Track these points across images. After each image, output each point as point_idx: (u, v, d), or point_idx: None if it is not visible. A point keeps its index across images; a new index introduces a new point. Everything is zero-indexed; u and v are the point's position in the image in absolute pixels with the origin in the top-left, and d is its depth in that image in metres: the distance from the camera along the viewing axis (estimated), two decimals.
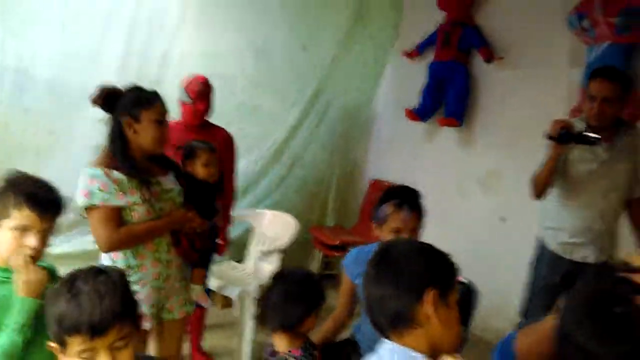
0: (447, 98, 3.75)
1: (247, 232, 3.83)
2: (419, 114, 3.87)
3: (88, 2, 3.43)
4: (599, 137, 2.26)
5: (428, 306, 1.07)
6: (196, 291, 2.31)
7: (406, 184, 4.17)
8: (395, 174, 4.35)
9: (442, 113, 3.80)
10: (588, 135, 2.27)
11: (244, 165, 4.03)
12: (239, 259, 3.72)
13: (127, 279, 1.21)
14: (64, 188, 1.59)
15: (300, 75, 4.27)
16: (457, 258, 3.13)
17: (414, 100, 3.93)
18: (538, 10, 3.25)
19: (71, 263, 1.38)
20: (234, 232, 3.77)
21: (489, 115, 3.65)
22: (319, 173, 4.51)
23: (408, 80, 4.16)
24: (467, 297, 2.09)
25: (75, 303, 1.08)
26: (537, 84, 3.28)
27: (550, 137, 2.33)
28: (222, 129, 2.97)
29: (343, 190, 4.66)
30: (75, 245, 3.46)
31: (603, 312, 0.91)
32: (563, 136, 2.30)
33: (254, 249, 3.61)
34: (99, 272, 1.15)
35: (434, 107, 3.84)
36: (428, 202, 4.35)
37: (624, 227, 2.62)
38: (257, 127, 4.16)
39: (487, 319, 3.13)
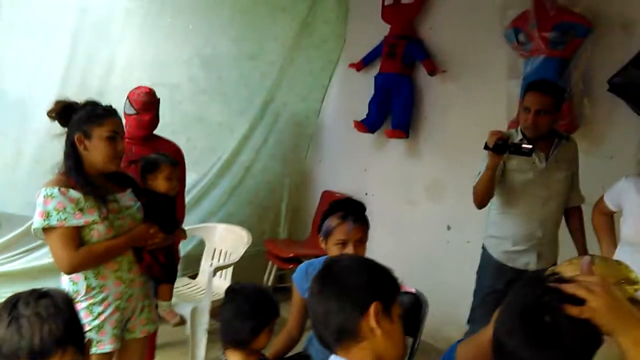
0: (393, 110, 3.83)
1: (199, 247, 3.79)
2: (367, 125, 3.94)
3: (30, 11, 3.32)
4: (532, 147, 2.36)
5: (372, 320, 1.10)
6: (163, 307, 2.28)
7: (357, 194, 4.28)
8: (346, 185, 4.42)
9: (389, 124, 3.89)
10: (522, 146, 2.37)
11: (193, 178, 3.99)
12: (191, 275, 3.68)
13: (73, 302, 1.17)
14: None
15: (249, 84, 4.28)
16: (408, 266, 3.20)
17: (362, 111, 4.00)
18: (477, 24, 3.38)
19: (12, 283, 1.33)
20: (185, 247, 3.73)
21: (434, 127, 3.76)
22: (271, 184, 4.52)
23: (356, 91, 4.24)
24: (416, 307, 2.14)
25: (15, 327, 1.05)
26: (478, 96, 3.41)
27: (487, 148, 2.41)
28: (170, 141, 2.92)
29: (295, 201, 4.69)
30: (17, 265, 3.36)
31: (534, 321, 0.94)
32: (499, 146, 2.37)
33: (206, 264, 3.58)
34: (41, 295, 1.11)
35: (381, 118, 3.92)
36: (378, 212, 4.44)
37: (566, 234, 2.75)
38: (205, 138, 4.14)
39: (438, 327, 3.21)
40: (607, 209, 2.35)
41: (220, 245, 3.60)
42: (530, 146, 2.36)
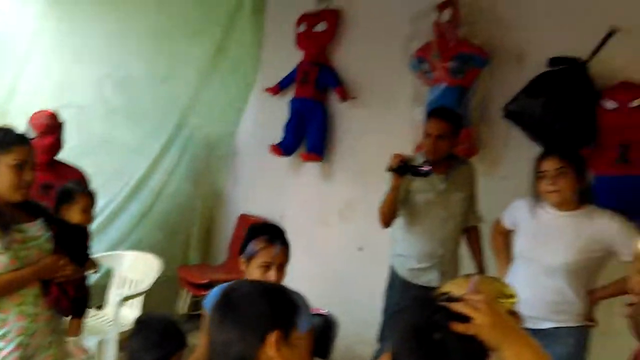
0: (308, 134, 3.90)
1: (106, 277, 3.63)
2: (283, 148, 3.98)
3: None
4: (430, 168, 2.50)
5: (271, 349, 1.09)
6: (72, 344, 2.16)
7: (272, 216, 4.28)
8: (262, 208, 4.41)
9: (305, 148, 3.95)
10: (421, 168, 2.51)
11: (100, 203, 3.83)
12: (98, 306, 3.50)
13: None
14: None
15: (162, 106, 4.20)
16: (321, 286, 3.21)
17: (277, 134, 4.04)
18: (386, 53, 3.52)
19: None
20: (91, 276, 3.55)
21: (347, 150, 3.86)
22: (182, 207, 4.41)
23: (271, 115, 4.28)
24: (326, 329, 2.18)
25: None
26: (386, 122, 3.55)
27: (390, 169, 2.53)
28: (73, 167, 2.81)
29: (209, 225, 4.62)
30: None
31: (424, 339, 0.99)
32: (400, 168, 2.50)
33: (113, 294, 3.42)
34: None
35: (296, 142, 3.98)
36: (293, 233, 4.44)
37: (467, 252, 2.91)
38: (113, 161, 4.00)
39: (350, 347, 3.26)
40: (504, 228, 2.51)
41: (129, 273, 3.46)
42: (428, 168, 2.50)
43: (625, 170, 2.58)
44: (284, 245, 1.96)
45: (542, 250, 2.23)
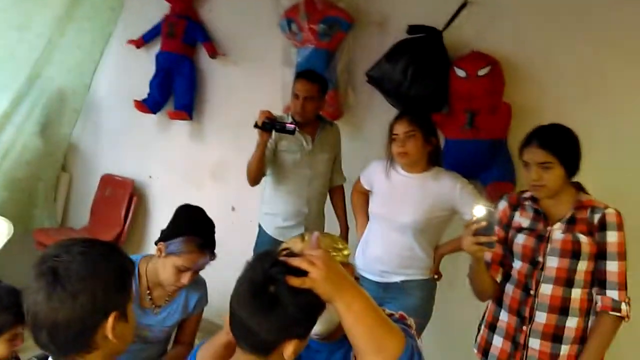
0: (176, 90, 3.77)
1: None
2: (149, 105, 3.80)
3: None
4: (295, 126, 2.58)
5: (109, 330, 1.03)
6: None
7: (140, 177, 4.11)
8: (129, 168, 4.23)
9: (172, 105, 3.81)
10: (286, 124, 2.57)
11: None
12: None
13: None
14: None
15: (15, 57, 3.83)
16: None
17: (143, 90, 3.85)
18: (256, 11, 3.47)
19: None
20: None
21: (217, 109, 3.79)
22: (37, 168, 4.11)
23: (136, 69, 4.05)
24: None
25: None
26: (257, 81, 3.53)
27: (256, 126, 2.56)
28: None
29: (70, 186, 4.33)
30: None
31: (260, 292, 1.03)
32: (266, 125, 2.55)
33: None
34: None
35: (163, 99, 3.82)
36: (163, 194, 4.34)
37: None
38: None
39: (221, 305, 3.28)
40: (363, 188, 2.65)
41: None
42: (293, 125, 2.58)
43: (471, 135, 2.81)
44: (212, 256, 1.88)
45: (394, 210, 2.34)
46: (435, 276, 2.46)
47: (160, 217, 4.17)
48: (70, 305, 0.99)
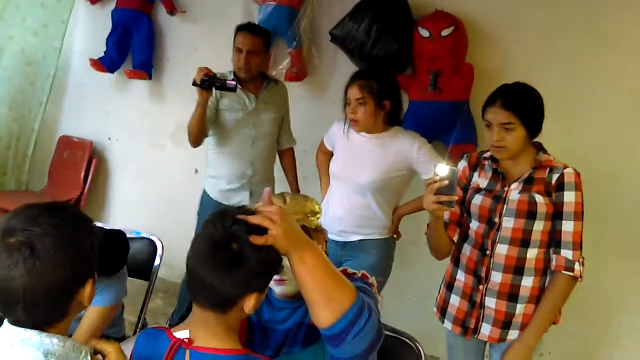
0: (134, 49, 3.63)
1: None
2: (106, 64, 3.66)
3: None
4: (236, 83, 2.48)
5: (86, 295, 1.05)
6: None
7: (99, 138, 3.99)
8: (87, 130, 4.10)
9: (130, 65, 3.68)
10: (227, 81, 2.47)
11: None
12: None
13: None
14: None
15: None
16: (156, 211, 3.05)
17: (100, 49, 3.70)
18: None
19: None
20: None
21: (177, 68, 3.68)
22: (8, 138, 3.95)
23: (92, 27, 3.89)
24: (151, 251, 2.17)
25: None
26: (218, 40, 3.39)
27: (195, 84, 2.46)
28: None
29: (25, 148, 4.17)
30: None
31: (222, 250, 1.04)
32: (205, 82, 2.45)
33: None
34: None
35: (121, 57, 3.69)
36: (123, 157, 4.23)
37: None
38: None
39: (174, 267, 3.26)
40: (326, 149, 2.63)
41: None
42: (234, 82, 2.47)
43: (434, 97, 2.81)
44: None
45: (352, 170, 2.34)
46: (395, 236, 2.49)
47: (120, 180, 4.09)
48: (51, 278, 0.98)
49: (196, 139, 2.65)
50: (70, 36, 4.08)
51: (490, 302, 1.86)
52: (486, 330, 1.88)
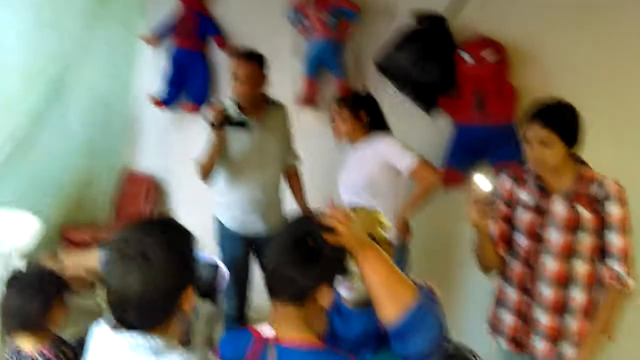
0: (190, 85, 3.86)
1: None
2: (164, 101, 3.91)
3: None
4: (246, 119, 2.56)
5: (187, 300, 1.17)
6: None
7: (159, 171, 4.19)
8: (147, 163, 4.34)
9: (187, 99, 3.91)
10: (241, 120, 2.55)
11: None
12: None
13: None
14: None
15: (42, 57, 3.85)
16: (212, 238, 3.11)
17: (159, 87, 3.96)
18: (263, 4, 3.55)
19: None
20: None
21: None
22: (68, 167, 4.12)
23: (151, 66, 4.16)
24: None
25: None
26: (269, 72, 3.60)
27: (211, 124, 2.54)
28: None
29: (101, 185, 4.35)
30: None
31: (300, 245, 1.21)
32: (220, 122, 2.53)
33: None
34: None
35: (177, 93, 3.93)
36: (181, 188, 4.41)
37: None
38: None
39: None
40: None
41: (6, 234, 3.30)
42: (246, 118, 2.56)
43: (480, 119, 2.87)
44: None
45: (346, 177, 2.67)
46: (404, 238, 2.63)
47: (179, 210, 4.28)
48: (163, 284, 1.11)
49: (208, 174, 2.70)
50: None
51: (541, 317, 1.87)
52: (539, 345, 1.89)
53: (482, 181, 1.68)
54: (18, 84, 3.83)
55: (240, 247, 2.82)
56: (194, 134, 4.06)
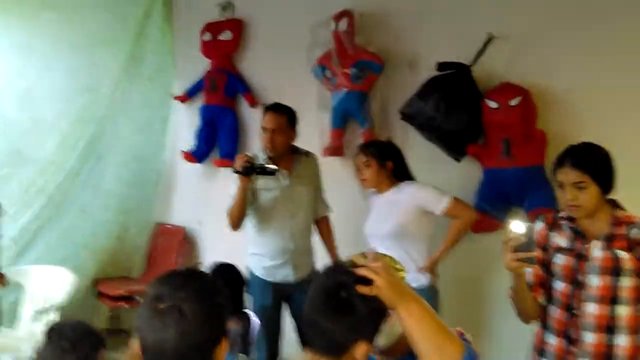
0: (220, 140, 3.98)
1: (16, 294, 3.51)
2: (195, 155, 4.03)
3: None
4: (276, 167, 2.62)
5: (221, 353, 1.17)
6: None
7: (190, 223, 4.26)
8: (179, 216, 4.42)
9: (217, 154, 4.01)
10: (267, 167, 2.60)
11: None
12: (10, 326, 3.39)
13: None
14: None
15: (78, 118, 4.09)
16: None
17: (189, 142, 4.08)
18: (290, 61, 3.67)
19: None
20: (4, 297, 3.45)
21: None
22: (109, 224, 4.27)
23: (182, 122, 4.31)
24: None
25: None
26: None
27: (236, 171, 2.60)
28: None
29: (134, 239, 4.44)
30: None
31: (332, 297, 1.19)
32: (246, 169, 2.57)
33: (26, 311, 3.33)
34: None
35: (208, 148, 4.04)
36: (213, 240, 4.45)
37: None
38: (28, 175, 3.90)
39: None
40: None
41: (42, 288, 3.37)
42: (274, 167, 2.61)
43: (509, 163, 2.86)
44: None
45: (374, 226, 2.69)
46: (433, 278, 2.65)
47: (210, 262, 4.31)
48: (199, 338, 1.11)
49: (238, 222, 2.75)
50: None
51: None
52: None
53: (519, 227, 1.66)
54: (58, 146, 4.02)
55: (270, 296, 2.81)
56: (225, 187, 4.14)
